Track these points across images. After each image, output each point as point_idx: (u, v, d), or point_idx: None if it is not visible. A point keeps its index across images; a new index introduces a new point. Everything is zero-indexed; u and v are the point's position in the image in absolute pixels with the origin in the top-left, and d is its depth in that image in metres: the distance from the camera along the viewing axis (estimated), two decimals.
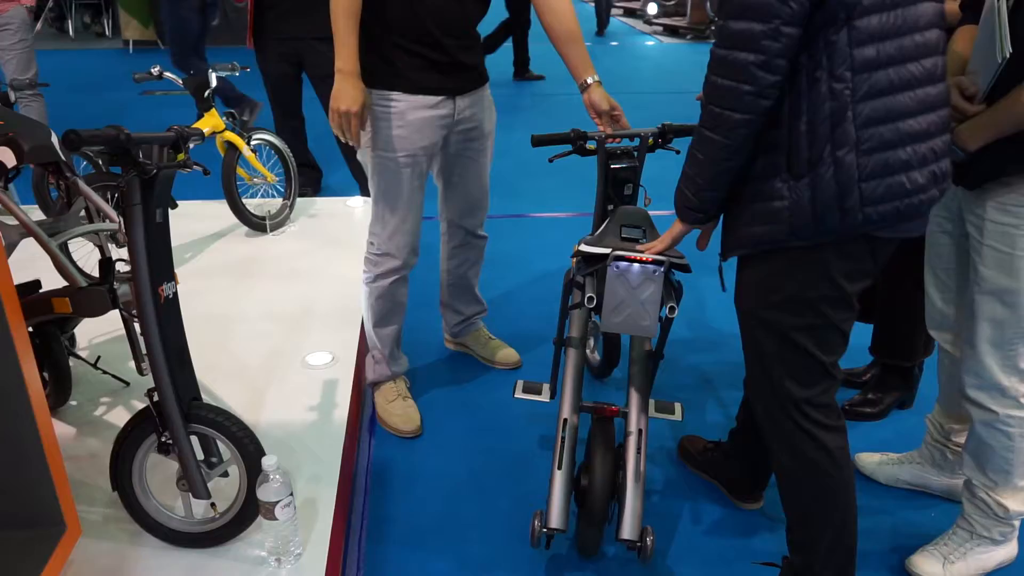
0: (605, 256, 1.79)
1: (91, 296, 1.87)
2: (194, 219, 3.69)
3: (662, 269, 1.76)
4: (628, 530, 1.80)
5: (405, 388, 2.64)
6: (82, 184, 2.16)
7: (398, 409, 2.55)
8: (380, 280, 2.45)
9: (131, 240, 1.58)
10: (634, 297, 1.79)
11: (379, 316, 2.52)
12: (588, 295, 1.84)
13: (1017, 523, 1.90)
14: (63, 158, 2.07)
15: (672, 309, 1.82)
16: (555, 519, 1.82)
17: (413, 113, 2.23)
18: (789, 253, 1.54)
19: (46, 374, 2.16)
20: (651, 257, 1.75)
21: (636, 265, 1.78)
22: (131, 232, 1.58)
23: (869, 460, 2.30)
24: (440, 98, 2.25)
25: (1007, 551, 1.93)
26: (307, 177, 4.54)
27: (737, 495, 2.20)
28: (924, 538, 2.00)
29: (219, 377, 2.44)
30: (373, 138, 2.27)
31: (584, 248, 1.85)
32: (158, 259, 1.62)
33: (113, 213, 2.24)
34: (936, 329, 2.02)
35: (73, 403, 2.31)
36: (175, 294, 1.67)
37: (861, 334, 2.58)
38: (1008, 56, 1.54)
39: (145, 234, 1.58)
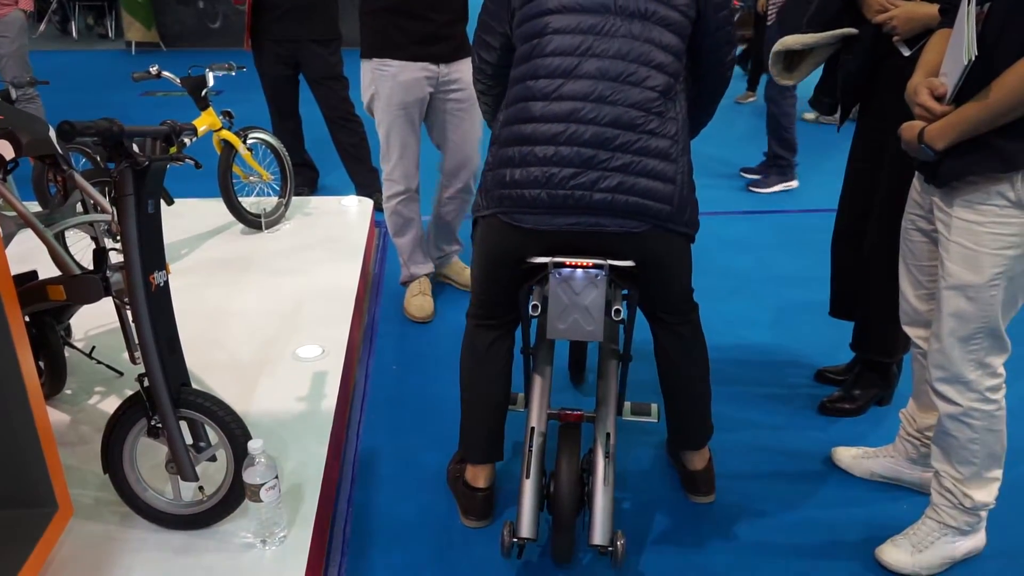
0: (547, 264, 1.80)
1: (85, 283, 1.92)
2: (190, 216, 3.75)
3: (603, 272, 1.77)
4: (598, 535, 1.80)
5: (427, 286, 3.28)
6: (78, 177, 2.22)
7: (416, 301, 3.22)
8: (391, 200, 3.16)
9: (123, 230, 1.64)
10: (577, 302, 1.79)
11: (395, 228, 3.23)
12: (532, 303, 1.85)
13: (984, 514, 1.94)
14: (60, 152, 2.12)
15: (617, 312, 1.82)
16: (525, 528, 1.82)
17: (404, 75, 2.94)
18: None
19: (42, 363, 2.21)
20: (592, 262, 1.78)
21: (579, 271, 1.78)
22: (123, 222, 1.63)
23: (845, 454, 2.35)
24: (425, 63, 2.95)
25: (975, 541, 1.97)
26: (304, 177, 4.60)
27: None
28: (895, 529, 2.04)
29: (212, 368, 2.49)
30: (376, 95, 2.98)
31: (530, 259, 1.87)
32: (149, 248, 1.67)
33: (108, 205, 2.30)
34: (909, 325, 2.07)
35: (68, 391, 2.36)
36: (166, 283, 1.72)
37: (842, 332, 2.64)
38: (973, 58, 1.59)
39: (137, 224, 1.64)
